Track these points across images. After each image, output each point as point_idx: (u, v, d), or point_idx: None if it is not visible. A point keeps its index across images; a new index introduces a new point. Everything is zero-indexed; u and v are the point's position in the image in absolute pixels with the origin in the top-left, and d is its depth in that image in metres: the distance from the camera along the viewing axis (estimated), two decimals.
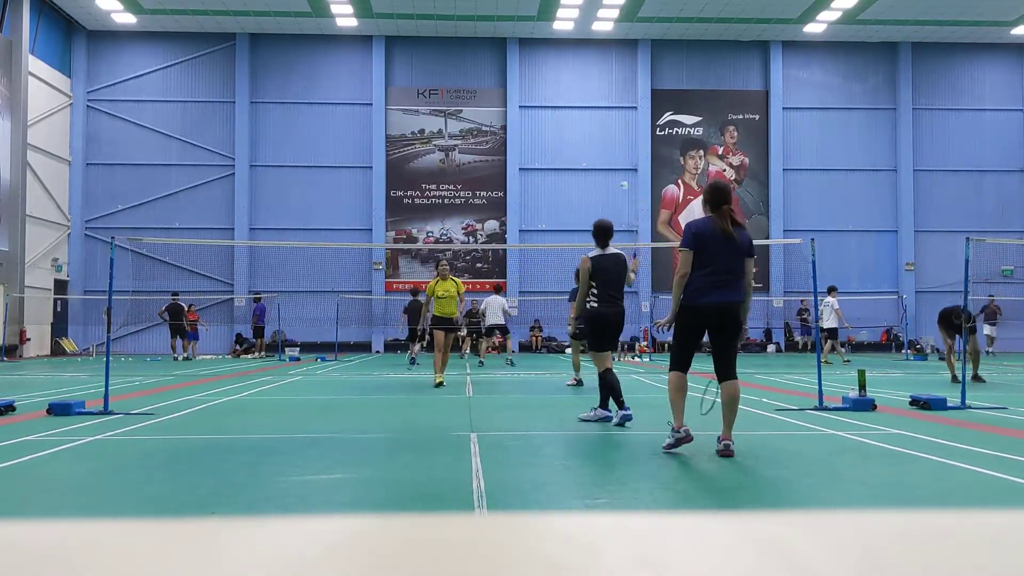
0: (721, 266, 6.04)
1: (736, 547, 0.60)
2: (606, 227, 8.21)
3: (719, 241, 6.04)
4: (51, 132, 28.03)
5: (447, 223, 30.28)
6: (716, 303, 6.00)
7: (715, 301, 6.00)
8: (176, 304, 24.10)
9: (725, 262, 6.05)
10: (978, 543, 0.62)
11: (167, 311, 23.90)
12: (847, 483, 5.05)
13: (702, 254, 6.06)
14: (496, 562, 0.58)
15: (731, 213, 6.14)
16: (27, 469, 5.49)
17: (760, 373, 16.45)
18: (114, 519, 0.85)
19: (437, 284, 12.73)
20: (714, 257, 6.03)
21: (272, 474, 5.25)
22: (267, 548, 0.60)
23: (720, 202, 6.12)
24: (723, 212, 6.10)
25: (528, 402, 10.28)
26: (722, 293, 6.02)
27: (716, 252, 6.04)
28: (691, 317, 6.09)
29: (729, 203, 6.16)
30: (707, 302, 6.01)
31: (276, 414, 8.99)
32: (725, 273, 6.05)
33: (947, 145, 31.00)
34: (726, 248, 6.06)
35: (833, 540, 0.61)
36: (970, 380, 13.02)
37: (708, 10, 27.88)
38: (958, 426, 7.64)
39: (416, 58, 30.43)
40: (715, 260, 6.03)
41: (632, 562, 0.58)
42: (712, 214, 6.13)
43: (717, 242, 6.04)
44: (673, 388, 6.24)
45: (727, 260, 6.06)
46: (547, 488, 4.93)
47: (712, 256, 6.04)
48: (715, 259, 6.03)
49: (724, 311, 6.03)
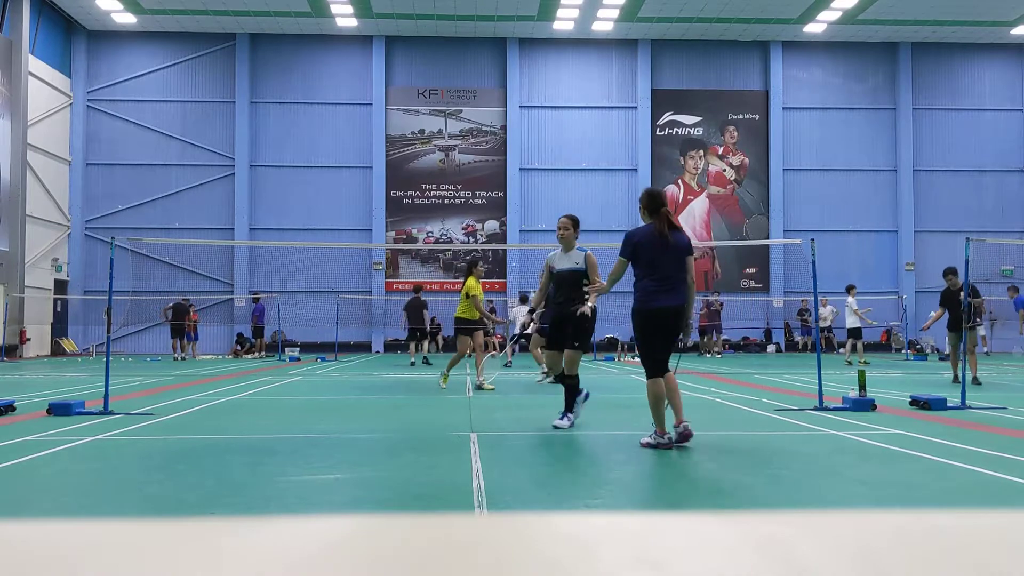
0: (664, 270, 6.30)
1: (736, 547, 0.60)
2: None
3: (658, 245, 6.30)
4: (51, 132, 28.04)
5: (447, 223, 30.28)
6: (665, 307, 6.27)
7: (664, 305, 6.27)
8: (182, 305, 24.15)
9: (666, 266, 6.31)
10: (978, 543, 0.62)
11: (172, 310, 23.93)
12: (847, 483, 5.05)
13: (644, 260, 6.34)
14: (496, 562, 0.58)
15: (669, 216, 6.41)
16: (27, 469, 5.49)
17: (760, 373, 16.45)
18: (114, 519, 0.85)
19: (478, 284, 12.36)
20: (656, 261, 6.31)
21: (272, 474, 5.25)
22: (267, 548, 0.60)
23: (657, 206, 6.43)
24: (661, 216, 6.38)
25: (528, 402, 10.28)
26: (669, 297, 6.28)
27: (657, 257, 6.31)
28: (646, 320, 6.32)
29: (666, 206, 6.47)
30: (658, 306, 6.27)
31: (276, 414, 8.99)
32: (668, 277, 6.30)
33: (947, 145, 31.00)
34: (665, 251, 6.31)
35: (833, 540, 0.61)
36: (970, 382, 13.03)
37: (708, 10, 27.88)
38: (958, 426, 7.64)
39: (416, 58, 30.44)
40: (658, 264, 6.31)
41: (632, 562, 0.58)
42: (651, 219, 6.43)
43: (657, 247, 6.31)
44: (652, 396, 6.33)
45: (668, 263, 6.31)
46: (547, 488, 4.93)
47: (654, 261, 6.31)
48: (657, 263, 6.31)
49: (672, 314, 6.28)
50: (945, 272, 13.80)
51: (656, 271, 6.29)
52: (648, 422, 6.44)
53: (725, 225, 30.56)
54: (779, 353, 28.93)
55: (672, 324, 6.30)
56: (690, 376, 15.40)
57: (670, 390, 6.28)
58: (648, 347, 6.35)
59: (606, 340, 26.05)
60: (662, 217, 6.39)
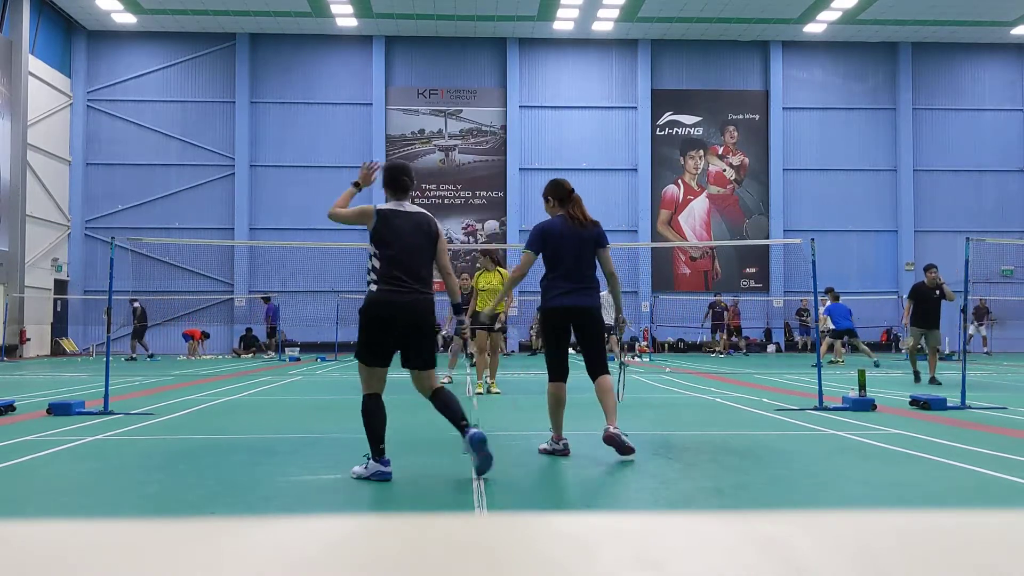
0: (572, 264, 5.76)
1: (736, 547, 0.60)
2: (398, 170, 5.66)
3: (568, 237, 5.76)
4: (51, 132, 28.03)
5: (447, 223, 30.26)
6: (571, 306, 5.75)
7: (570, 304, 5.75)
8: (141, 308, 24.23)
9: (576, 259, 5.76)
10: (978, 543, 0.62)
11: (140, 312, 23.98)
12: (847, 483, 5.05)
13: (551, 254, 5.79)
14: (496, 562, 0.58)
15: (579, 202, 5.87)
16: (27, 469, 5.49)
17: (760, 373, 16.45)
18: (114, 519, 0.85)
19: (481, 276, 11.56)
20: (564, 255, 5.76)
21: (272, 474, 5.25)
22: (267, 548, 0.60)
23: (563, 195, 5.87)
24: (574, 200, 5.84)
25: (528, 402, 10.28)
26: (576, 296, 5.75)
27: (565, 250, 5.75)
28: (550, 319, 5.85)
29: (572, 192, 5.90)
30: (563, 305, 5.76)
31: (276, 414, 8.99)
32: (577, 272, 5.77)
33: (947, 145, 31.00)
34: (576, 243, 5.76)
35: (833, 540, 0.61)
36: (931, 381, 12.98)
37: (708, 10, 27.87)
38: (958, 426, 7.64)
39: (416, 58, 30.44)
40: (565, 258, 5.76)
41: (632, 562, 0.58)
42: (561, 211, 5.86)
43: (566, 238, 5.75)
44: (551, 399, 5.93)
45: (578, 256, 5.76)
46: (547, 488, 4.93)
47: (562, 254, 5.76)
48: (565, 257, 5.76)
49: (581, 313, 5.78)
50: (926, 268, 13.74)
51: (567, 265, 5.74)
52: (656, 422, 6.44)
53: (725, 225, 30.55)
54: (779, 353, 28.93)
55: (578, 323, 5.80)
56: (690, 376, 15.40)
57: (602, 392, 5.81)
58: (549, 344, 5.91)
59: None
60: (575, 202, 5.82)
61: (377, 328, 5.07)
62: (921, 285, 13.48)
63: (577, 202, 5.83)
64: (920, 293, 13.41)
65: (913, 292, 13.60)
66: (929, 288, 13.34)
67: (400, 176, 5.47)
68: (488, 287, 11.42)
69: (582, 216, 5.79)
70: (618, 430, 5.66)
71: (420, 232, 5.24)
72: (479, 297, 11.43)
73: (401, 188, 5.45)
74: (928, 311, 13.25)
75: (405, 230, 5.20)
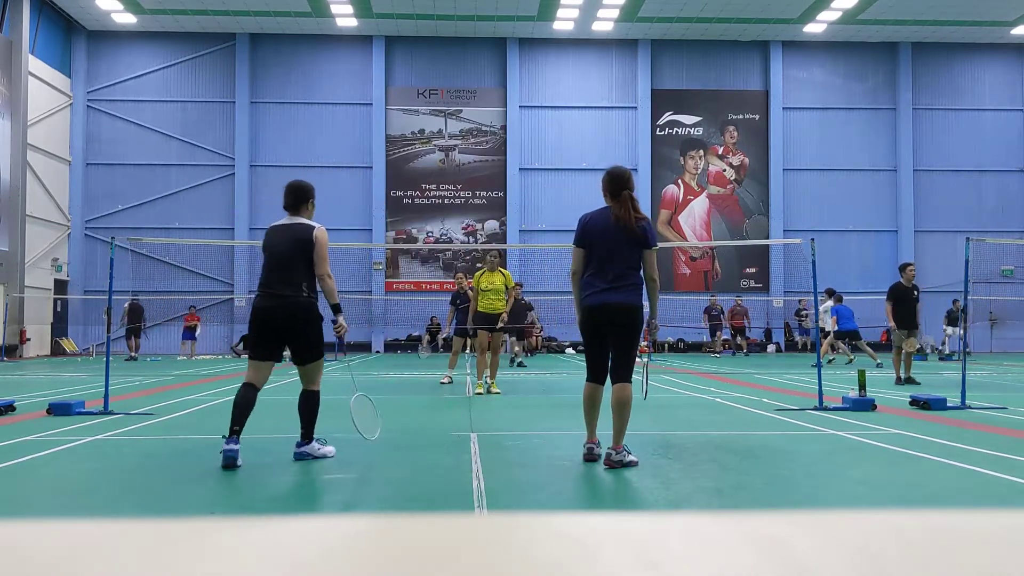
0: (612, 262, 5.48)
1: (736, 547, 0.60)
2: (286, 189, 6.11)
3: (611, 233, 5.49)
4: (51, 132, 28.03)
5: (447, 223, 30.28)
6: (606, 304, 5.47)
7: (605, 302, 5.47)
8: (137, 305, 24.21)
9: (617, 256, 5.49)
10: (978, 543, 0.61)
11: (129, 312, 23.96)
12: (847, 483, 5.05)
13: (592, 249, 5.54)
14: (496, 562, 0.58)
15: (631, 200, 5.55)
16: (27, 469, 5.49)
17: (760, 373, 16.46)
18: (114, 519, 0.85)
19: (483, 276, 11.57)
20: (606, 251, 5.49)
21: (272, 474, 5.25)
22: (267, 548, 0.60)
23: (619, 188, 5.55)
24: (623, 199, 5.52)
25: (528, 402, 10.28)
26: (613, 294, 5.47)
27: (606, 245, 5.49)
28: (586, 317, 5.59)
29: (630, 189, 5.58)
30: (598, 302, 5.49)
31: (276, 414, 8.99)
32: (616, 270, 5.48)
33: (947, 145, 31.00)
34: (618, 240, 5.48)
35: (833, 540, 0.61)
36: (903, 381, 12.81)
37: (708, 10, 27.87)
38: (958, 426, 7.64)
39: (416, 58, 30.44)
40: (606, 255, 5.49)
41: (632, 562, 0.57)
42: (612, 203, 5.58)
43: (609, 234, 5.49)
44: (584, 399, 5.68)
45: (619, 254, 5.49)
46: (547, 488, 4.93)
47: (603, 250, 5.50)
48: (606, 253, 5.49)
49: (618, 312, 5.47)
50: (902, 267, 13.50)
51: (605, 262, 5.49)
52: (657, 421, 6.43)
53: (725, 225, 30.55)
54: (779, 353, 28.94)
55: (612, 322, 5.49)
56: (690, 376, 15.41)
57: (618, 404, 5.47)
58: (585, 343, 5.70)
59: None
60: (623, 201, 5.53)
61: (255, 329, 5.80)
62: (899, 285, 13.14)
63: (625, 201, 5.51)
64: (899, 293, 13.08)
65: (892, 293, 13.20)
66: (907, 288, 13.12)
67: (286, 195, 6.05)
68: (490, 287, 11.43)
69: (625, 214, 5.50)
70: (621, 455, 5.38)
71: (294, 242, 5.80)
72: (480, 297, 11.45)
73: (287, 205, 6.04)
74: (908, 311, 12.97)
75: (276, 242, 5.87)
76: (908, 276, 13.15)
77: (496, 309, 11.41)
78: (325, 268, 5.79)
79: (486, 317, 11.39)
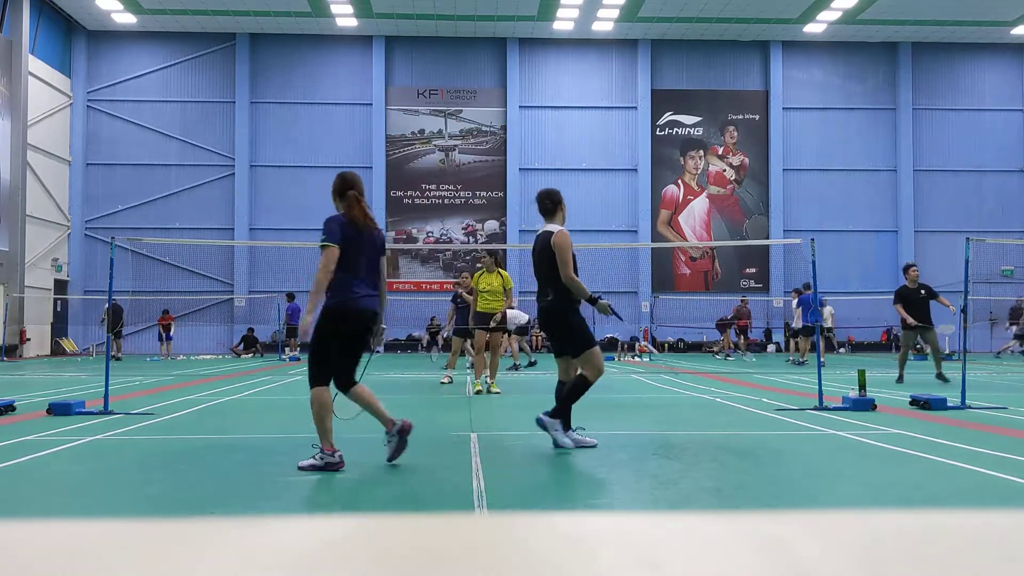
0: (363, 265, 5.39)
1: (736, 547, 0.60)
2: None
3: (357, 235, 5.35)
4: (51, 132, 28.04)
5: (447, 223, 30.28)
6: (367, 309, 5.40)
7: (366, 307, 5.39)
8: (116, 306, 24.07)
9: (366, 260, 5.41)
10: (978, 543, 0.61)
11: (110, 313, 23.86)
12: (847, 483, 5.05)
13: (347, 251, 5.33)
14: (496, 562, 0.58)
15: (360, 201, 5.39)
16: (27, 469, 5.49)
17: (760, 373, 16.46)
18: (113, 519, 0.85)
19: (481, 277, 11.56)
20: (358, 254, 5.36)
21: (272, 474, 5.25)
22: (267, 548, 0.60)
23: (345, 188, 5.38)
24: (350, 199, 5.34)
25: (528, 402, 10.28)
26: (371, 300, 5.43)
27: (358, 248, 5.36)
28: (339, 322, 5.36)
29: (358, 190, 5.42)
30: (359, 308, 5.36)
31: (276, 414, 8.99)
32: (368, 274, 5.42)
33: (947, 145, 31.00)
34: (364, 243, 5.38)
35: (833, 540, 0.61)
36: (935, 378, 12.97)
37: (708, 10, 27.88)
38: (958, 426, 7.64)
39: (416, 58, 30.44)
40: (358, 258, 5.36)
41: (632, 562, 0.58)
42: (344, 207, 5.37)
43: (357, 237, 5.35)
44: (318, 406, 5.35)
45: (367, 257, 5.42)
46: (547, 488, 4.93)
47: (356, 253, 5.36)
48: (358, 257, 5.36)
49: (372, 318, 5.44)
50: (905, 268, 13.55)
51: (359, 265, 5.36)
52: (657, 421, 6.43)
53: (725, 225, 30.55)
54: (779, 353, 28.93)
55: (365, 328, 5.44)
56: (690, 376, 15.41)
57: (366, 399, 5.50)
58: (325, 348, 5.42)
59: (606, 340, 26.03)
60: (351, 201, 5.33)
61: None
62: (903, 288, 13.29)
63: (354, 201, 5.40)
64: (905, 295, 13.19)
65: (898, 296, 13.31)
66: (912, 288, 13.19)
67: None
68: (488, 288, 11.46)
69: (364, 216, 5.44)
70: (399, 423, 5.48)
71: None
72: (479, 298, 11.50)
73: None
74: (917, 311, 13.05)
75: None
76: (911, 277, 13.25)
77: (494, 310, 11.45)
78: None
79: (484, 317, 11.43)
